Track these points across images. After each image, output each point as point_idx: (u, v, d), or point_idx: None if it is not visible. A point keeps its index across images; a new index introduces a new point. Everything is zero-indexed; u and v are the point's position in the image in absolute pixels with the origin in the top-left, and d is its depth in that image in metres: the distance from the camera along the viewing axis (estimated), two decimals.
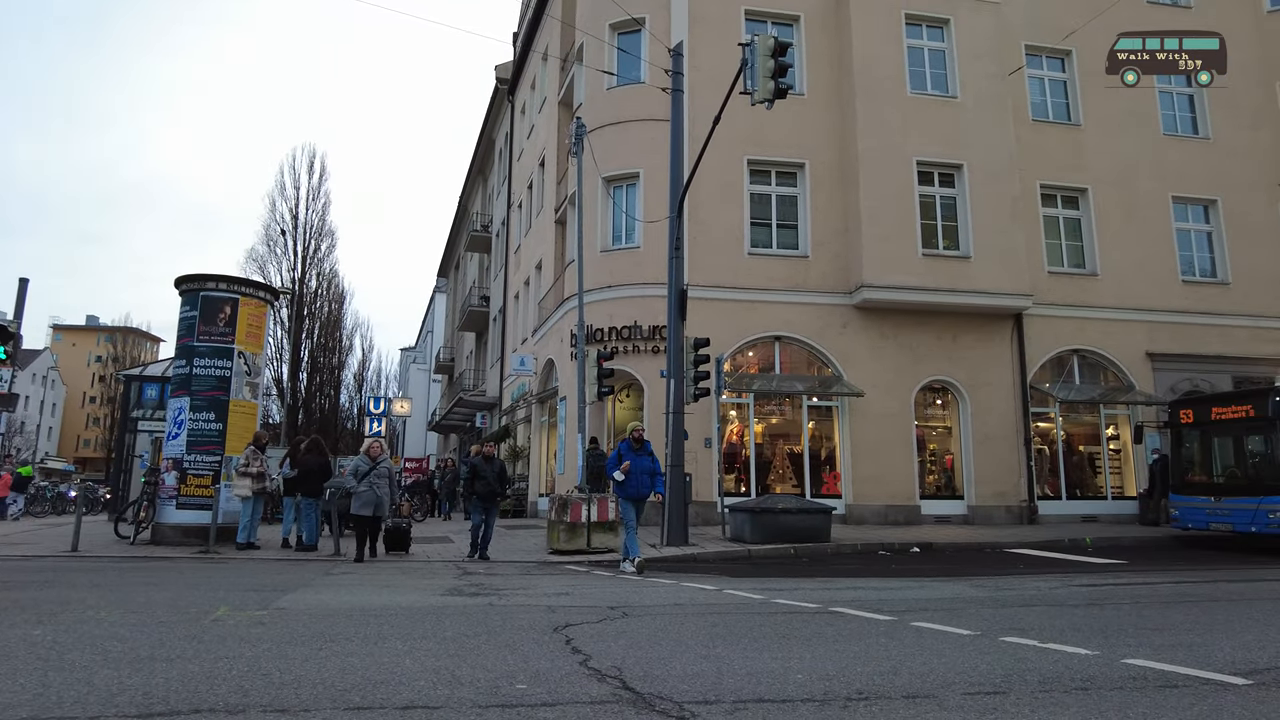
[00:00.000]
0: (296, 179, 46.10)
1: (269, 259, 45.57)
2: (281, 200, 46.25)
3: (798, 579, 9.43)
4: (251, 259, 55.62)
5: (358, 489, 10.89)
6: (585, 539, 12.16)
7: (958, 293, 17.45)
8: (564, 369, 18.65)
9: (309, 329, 48.53)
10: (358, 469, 11.03)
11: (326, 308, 49.22)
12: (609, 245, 17.96)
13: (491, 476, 11.75)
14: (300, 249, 46.01)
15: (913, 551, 13.66)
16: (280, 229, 45.48)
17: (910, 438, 17.46)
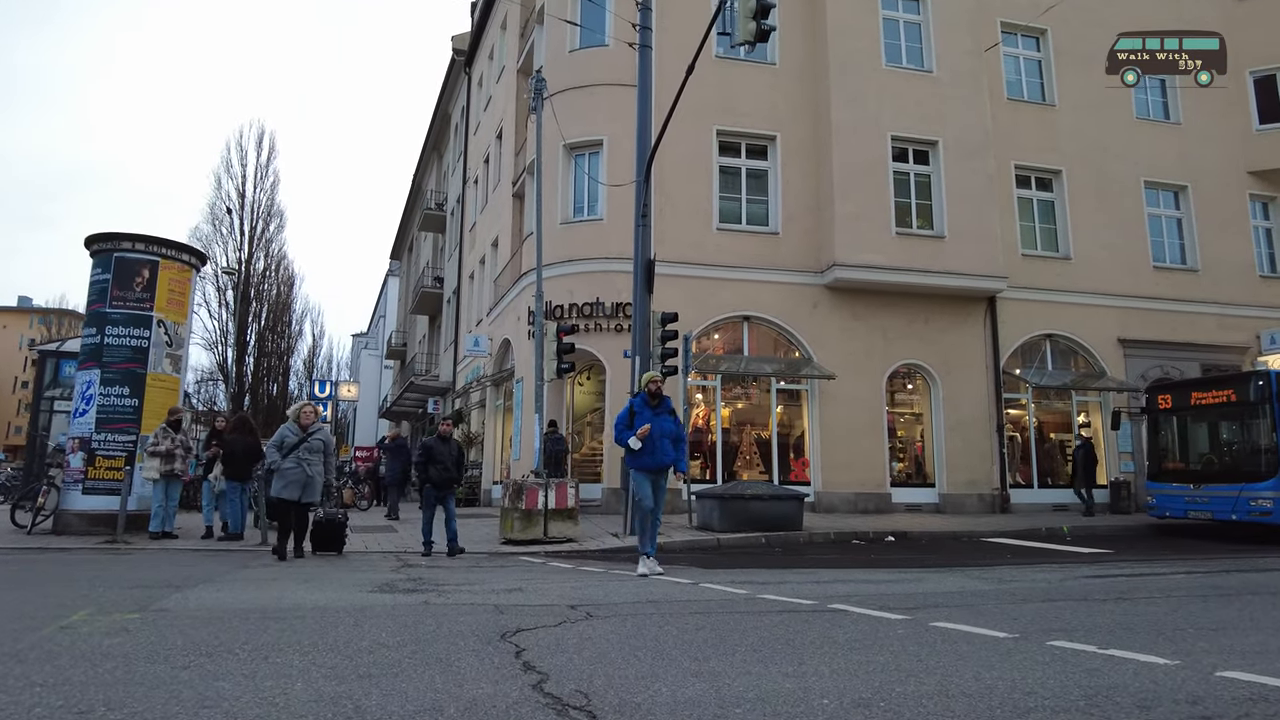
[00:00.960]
0: (244, 156, 43.85)
1: (214, 238, 43.27)
2: (228, 178, 43.94)
3: (777, 570, 8.45)
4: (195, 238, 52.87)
5: (282, 465, 8.85)
6: (542, 528, 11.03)
7: (931, 274, 16.67)
8: (521, 349, 17.44)
9: (256, 312, 46.41)
10: (283, 440, 8.96)
11: (275, 290, 47.08)
12: (570, 217, 16.77)
13: (448, 460, 9.95)
14: (248, 229, 43.87)
15: (887, 540, 12.85)
16: (226, 207, 43.29)
17: (881, 423, 16.66)
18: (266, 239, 44.68)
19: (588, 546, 10.84)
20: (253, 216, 43.91)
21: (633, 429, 8.03)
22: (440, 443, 10.05)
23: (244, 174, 43.41)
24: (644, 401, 8.26)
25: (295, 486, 8.85)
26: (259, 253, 44.86)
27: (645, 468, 8.13)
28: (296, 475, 8.87)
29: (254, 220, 43.98)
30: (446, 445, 10.08)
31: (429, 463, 9.80)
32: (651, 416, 8.06)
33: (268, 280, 46.04)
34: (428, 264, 33.57)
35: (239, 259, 43.27)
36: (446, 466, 9.83)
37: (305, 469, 8.90)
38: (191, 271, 12.77)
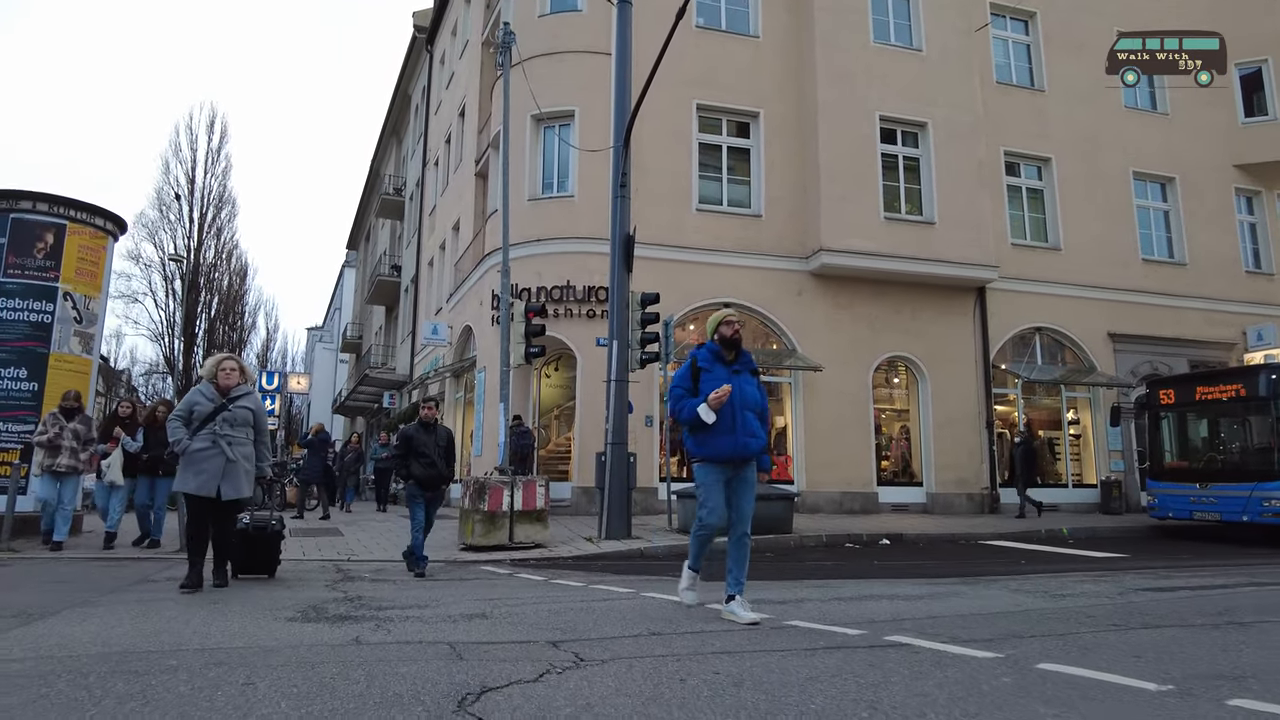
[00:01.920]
0: (194, 140, 41.29)
1: (161, 225, 40.77)
2: (177, 162, 41.33)
3: (786, 584, 7.19)
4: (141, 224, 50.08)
5: (191, 446, 6.06)
6: (507, 532, 9.64)
7: (921, 261, 15.63)
8: (483, 336, 15.98)
9: (206, 302, 43.90)
10: (192, 409, 6.20)
11: (228, 280, 44.59)
12: (538, 194, 15.37)
13: (434, 452, 7.68)
14: (198, 216, 41.40)
15: (882, 544, 11.77)
16: (175, 193, 40.78)
17: (868, 418, 15.57)
18: (218, 227, 42.25)
19: (559, 552, 9.48)
20: (203, 204, 41.49)
21: (698, 394, 5.01)
22: (422, 431, 7.80)
23: (194, 159, 40.96)
24: (714, 355, 5.13)
25: (210, 476, 6.01)
26: (209, 241, 42.48)
27: (719, 457, 4.97)
28: (213, 460, 6.05)
29: (204, 207, 41.59)
30: (431, 433, 7.81)
31: (409, 455, 7.68)
32: (728, 376, 5.00)
33: (218, 270, 43.67)
34: (385, 252, 31.80)
35: (188, 247, 40.90)
36: (432, 461, 7.66)
37: (225, 450, 6.08)
38: (107, 239, 11.08)
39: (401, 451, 7.80)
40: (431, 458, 7.66)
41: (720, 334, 5.16)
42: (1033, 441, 15.04)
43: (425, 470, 7.63)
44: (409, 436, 7.78)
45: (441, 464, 7.76)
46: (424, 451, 7.65)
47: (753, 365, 5.30)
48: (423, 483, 7.66)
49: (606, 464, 10.64)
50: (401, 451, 7.80)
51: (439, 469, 7.75)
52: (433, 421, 7.97)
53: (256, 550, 6.90)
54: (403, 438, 7.88)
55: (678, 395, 5.18)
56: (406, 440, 7.77)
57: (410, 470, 7.64)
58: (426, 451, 7.65)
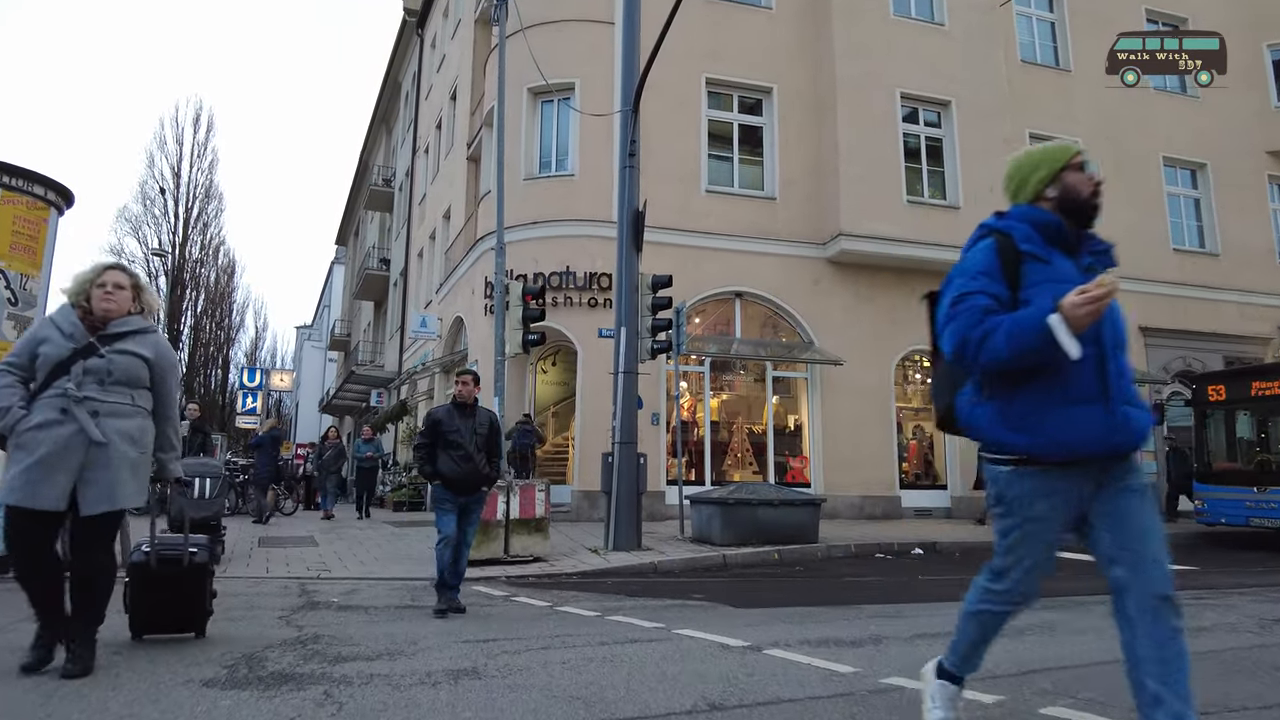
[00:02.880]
0: (180, 133, 39.85)
1: (144, 219, 39.25)
2: (162, 156, 39.86)
3: (834, 610, 5.92)
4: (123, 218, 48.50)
5: (22, 427, 3.35)
6: (502, 543, 8.34)
7: (946, 248, 14.37)
8: (476, 327, 14.67)
9: (193, 299, 42.31)
10: (35, 353, 3.46)
11: (214, 276, 43.02)
12: (535, 173, 14.08)
13: (471, 442, 5.71)
14: (183, 211, 39.86)
15: (915, 554, 10.57)
16: (160, 187, 39.25)
17: (890, 416, 14.36)
18: (204, 222, 40.79)
19: (562, 567, 8.19)
20: (188, 198, 40.02)
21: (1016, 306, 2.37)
22: (456, 413, 5.80)
23: (180, 152, 39.45)
24: (1051, 231, 2.46)
25: (57, 474, 3.33)
26: (195, 236, 40.96)
27: (1076, 450, 2.32)
28: (60, 446, 3.34)
29: (189, 202, 40.10)
30: (468, 418, 5.81)
31: (437, 446, 5.71)
32: (1077, 276, 2.35)
33: (204, 266, 42.12)
34: (373, 246, 30.42)
35: (172, 243, 39.38)
36: (468, 454, 5.64)
37: (86, 426, 3.38)
38: (49, 211, 9.66)
39: (427, 440, 5.79)
40: (467, 449, 5.66)
41: (1071, 191, 2.50)
42: None
43: (458, 467, 5.63)
44: (437, 421, 5.79)
45: (480, 458, 5.74)
46: (457, 441, 5.67)
47: (1110, 259, 2.60)
48: (454, 484, 5.67)
49: (614, 466, 9.37)
50: (427, 440, 5.79)
51: (476, 465, 5.69)
52: (470, 402, 5.90)
53: (168, 596, 4.15)
54: (429, 423, 5.87)
55: (975, 306, 2.35)
56: (434, 426, 5.78)
57: (437, 467, 5.68)
58: (460, 441, 5.67)
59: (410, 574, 7.72)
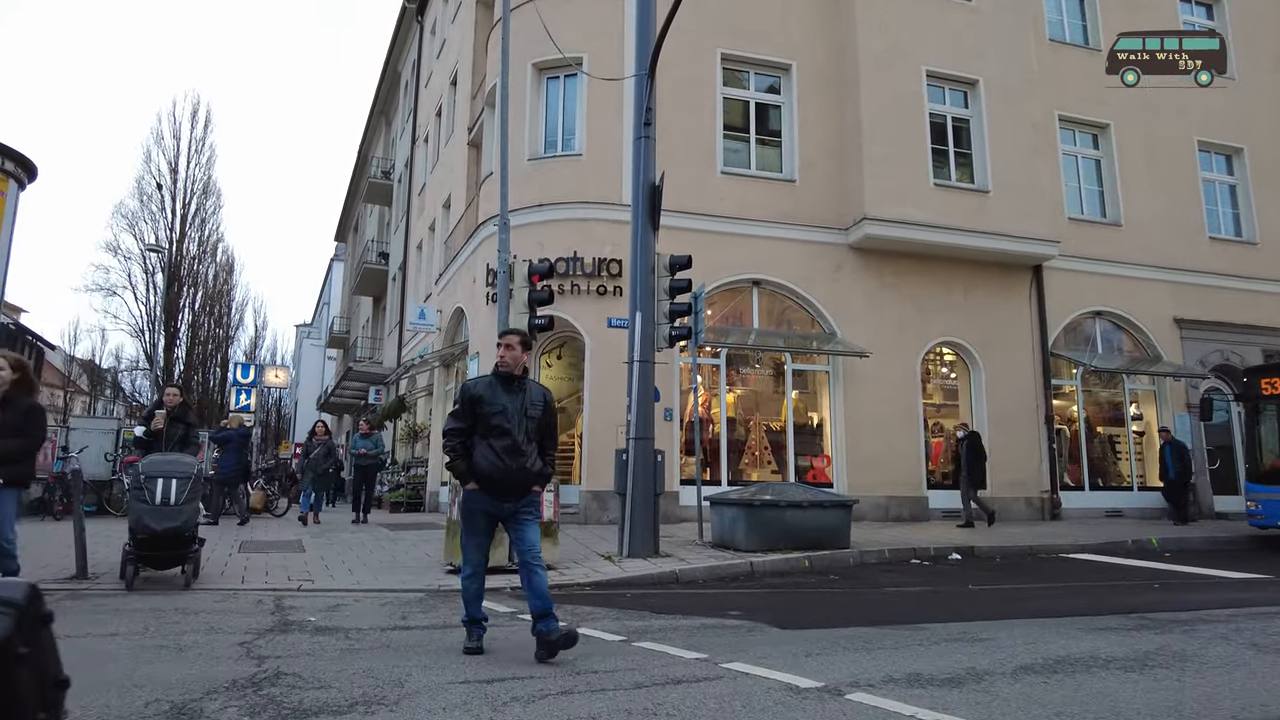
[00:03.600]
0: (177, 128, 38.84)
1: (141, 215, 38.25)
2: (159, 151, 38.81)
3: (900, 631, 5.01)
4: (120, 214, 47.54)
5: None
6: (505, 549, 7.41)
7: (975, 234, 13.51)
8: (477, 317, 13.74)
9: (191, 297, 41.31)
10: None
11: (213, 272, 42.01)
12: (540, 153, 13.15)
13: (519, 426, 4.25)
14: (180, 207, 38.88)
15: (952, 559, 9.70)
16: (156, 183, 38.29)
17: (917, 412, 13.43)
18: (201, 218, 39.79)
19: (574, 577, 7.26)
20: (186, 194, 39.05)
21: None
22: (499, 388, 4.30)
23: (177, 148, 38.45)
24: None
25: None
26: (192, 232, 39.97)
27: None
28: None
29: (187, 198, 39.13)
30: (515, 393, 4.31)
31: (474, 431, 4.26)
32: None
33: (202, 262, 41.13)
34: (372, 240, 29.50)
35: (169, 239, 38.42)
36: (515, 444, 4.18)
37: None
38: (8, 183, 8.79)
39: (461, 425, 4.26)
40: (514, 438, 4.12)
41: None
42: (979, 438, 12.49)
43: (501, 462, 4.09)
44: (476, 398, 4.24)
45: (532, 450, 4.23)
46: (501, 427, 4.13)
47: None
48: (495, 485, 4.13)
49: (629, 464, 8.44)
50: (461, 425, 4.26)
51: (526, 460, 4.18)
52: (518, 373, 4.32)
53: None
54: (466, 400, 4.30)
55: None
56: (471, 404, 4.23)
57: (472, 461, 4.16)
58: (506, 427, 4.14)
59: (403, 584, 6.81)
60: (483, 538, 4.36)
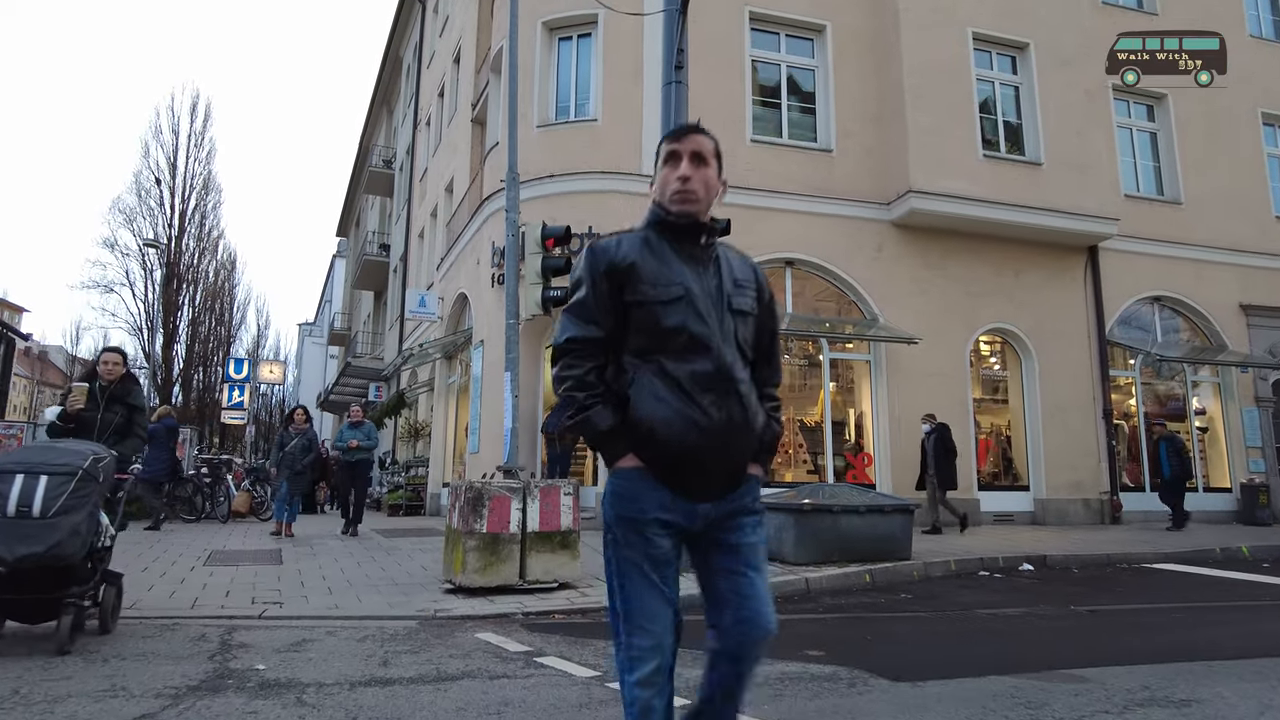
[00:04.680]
0: (175, 122, 37.58)
1: (139, 211, 37.03)
2: (157, 145, 37.69)
3: (1055, 682, 3.64)
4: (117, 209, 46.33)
5: None
6: (516, 564, 6.08)
7: (1028, 210, 12.14)
8: (481, 302, 12.40)
9: (190, 295, 39.99)
10: None
11: (213, 269, 40.71)
12: (551, 119, 11.81)
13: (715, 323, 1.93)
14: (179, 203, 37.61)
15: (1023, 570, 8.38)
16: (155, 177, 37.05)
17: (966, 405, 12.07)
18: (201, 214, 38.52)
19: (598, 598, 5.90)
20: (185, 189, 37.79)
21: None
22: (669, 249, 2.02)
23: (176, 142, 37.20)
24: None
25: None
26: (192, 228, 38.67)
27: None
28: None
29: (186, 193, 37.87)
30: (699, 265, 2.02)
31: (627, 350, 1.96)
32: None
33: (202, 259, 39.82)
34: (373, 231, 28.21)
35: (168, 235, 37.15)
36: (721, 369, 1.89)
37: None
38: None
39: (597, 331, 1.96)
40: (718, 356, 1.89)
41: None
42: (948, 432, 10.87)
43: (694, 412, 1.86)
44: (625, 269, 1.96)
45: (749, 385, 1.97)
46: (692, 331, 1.90)
47: None
48: (682, 459, 1.87)
49: None
50: (597, 331, 1.96)
51: (745, 400, 1.92)
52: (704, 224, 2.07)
53: None
54: (598, 272, 1.98)
55: None
56: (614, 282, 1.96)
57: (634, 411, 1.90)
58: (700, 331, 1.90)
59: (391, 609, 5.45)
60: (661, 579, 1.95)
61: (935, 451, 10.71)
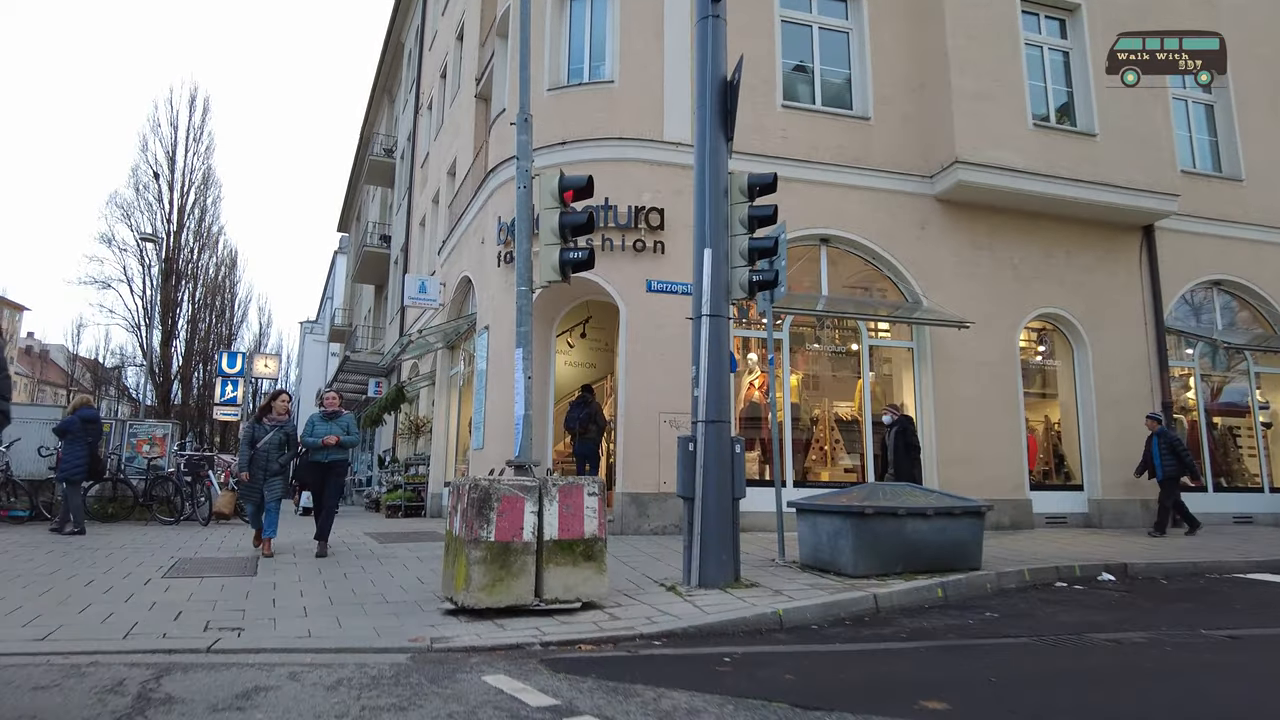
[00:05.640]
0: (174, 116, 36.52)
1: (137, 205, 36.00)
2: (155, 139, 36.82)
3: None
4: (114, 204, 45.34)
5: None
6: (531, 580, 4.93)
7: (1084, 184, 10.99)
8: (487, 284, 11.25)
9: (189, 291, 38.80)
10: None
11: (214, 261, 39.55)
12: (562, 81, 10.66)
13: None
14: (178, 197, 36.47)
15: (1103, 581, 7.29)
16: (154, 172, 35.95)
17: (1016, 398, 10.90)
18: (201, 209, 37.38)
19: (630, 622, 4.75)
20: (184, 183, 36.67)
21: None
22: None
23: (175, 136, 36.10)
24: None
25: None
26: (190, 223, 37.51)
27: None
28: None
29: (185, 187, 36.75)
30: None
31: None
32: None
33: (202, 255, 38.65)
34: (374, 222, 27.08)
35: (167, 230, 36.02)
36: None
37: None
38: None
39: None
40: None
41: None
42: (911, 425, 9.72)
43: None
44: None
45: None
46: None
47: None
48: None
49: (697, 455, 5.94)
50: None
51: None
52: None
53: None
54: None
55: None
56: None
57: None
58: None
59: (375, 640, 4.29)
60: None
61: (895, 446, 9.54)
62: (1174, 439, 10.16)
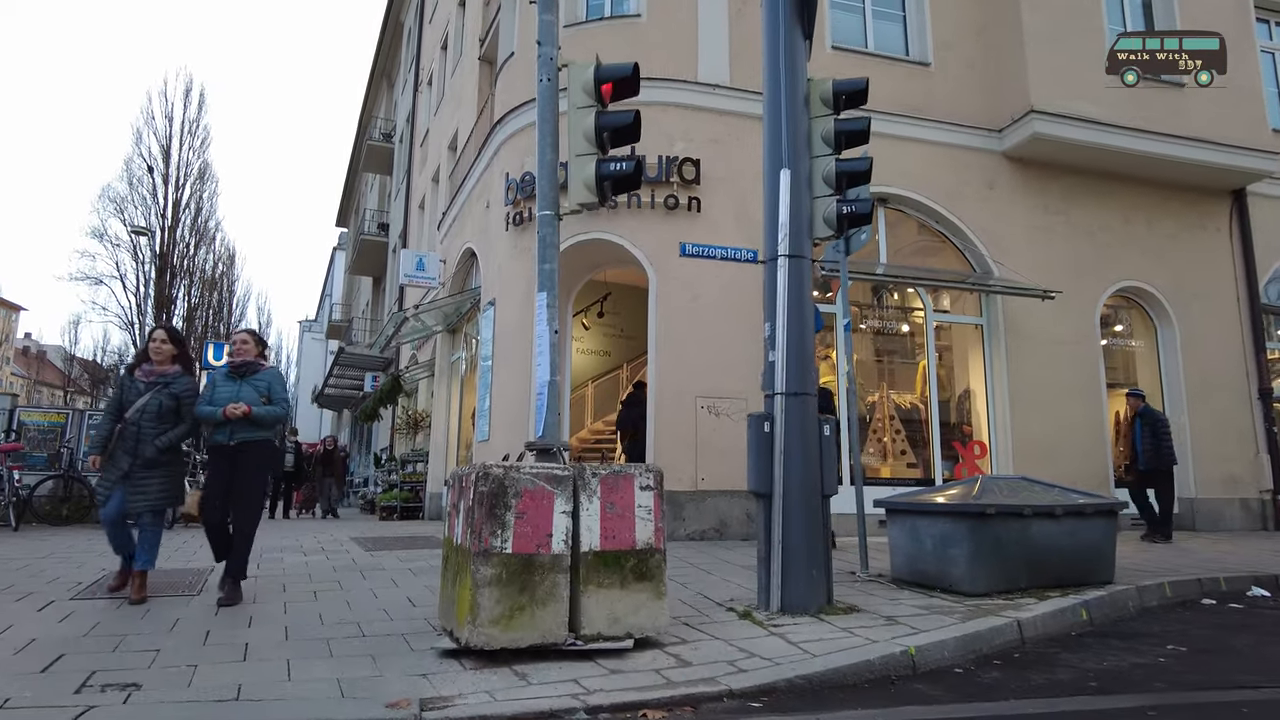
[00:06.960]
0: (169, 109, 34.95)
1: (130, 199, 34.44)
2: (150, 133, 34.96)
3: None
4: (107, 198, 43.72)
5: None
6: (563, 607, 3.41)
7: (1172, 139, 9.52)
8: (493, 253, 9.75)
9: (185, 288, 37.28)
10: None
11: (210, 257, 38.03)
12: (581, 16, 9.19)
13: None
14: (173, 191, 34.94)
15: (1257, 596, 5.84)
16: (147, 165, 34.45)
17: (1098, 379, 9.44)
18: (197, 203, 35.87)
19: (709, 670, 3.21)
20: (179, 178, 35.16)
21: None
22: None
23: (170, 129, 34.57)
24: None
25: None
26: (185, 217, 36.00)
27: None
28: None
29: (180, 182, 35.25)
30: None
31: None
32: None
33: (198, 251, 37.15)
34: (371, 211, 25.62)
35: (161, 225, 34.53)
36: None
37: None
38: None
39: None
40: None
41: None
42: (1157, 416, 8.23)
43: None
44: None
45: None
46: None
47: None
48: None
49: (775, 438, 4.44)
50: None
51: None
52: None
53: None
54: None
55: None
56: None
57: None
58: None
59: (337, 709, 2.76)
60: None
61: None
62: (1158, 420, 8.26)
